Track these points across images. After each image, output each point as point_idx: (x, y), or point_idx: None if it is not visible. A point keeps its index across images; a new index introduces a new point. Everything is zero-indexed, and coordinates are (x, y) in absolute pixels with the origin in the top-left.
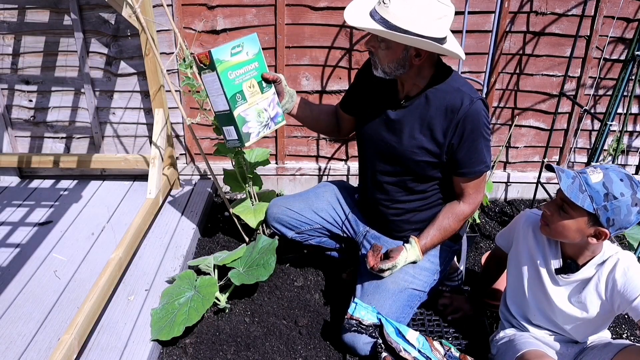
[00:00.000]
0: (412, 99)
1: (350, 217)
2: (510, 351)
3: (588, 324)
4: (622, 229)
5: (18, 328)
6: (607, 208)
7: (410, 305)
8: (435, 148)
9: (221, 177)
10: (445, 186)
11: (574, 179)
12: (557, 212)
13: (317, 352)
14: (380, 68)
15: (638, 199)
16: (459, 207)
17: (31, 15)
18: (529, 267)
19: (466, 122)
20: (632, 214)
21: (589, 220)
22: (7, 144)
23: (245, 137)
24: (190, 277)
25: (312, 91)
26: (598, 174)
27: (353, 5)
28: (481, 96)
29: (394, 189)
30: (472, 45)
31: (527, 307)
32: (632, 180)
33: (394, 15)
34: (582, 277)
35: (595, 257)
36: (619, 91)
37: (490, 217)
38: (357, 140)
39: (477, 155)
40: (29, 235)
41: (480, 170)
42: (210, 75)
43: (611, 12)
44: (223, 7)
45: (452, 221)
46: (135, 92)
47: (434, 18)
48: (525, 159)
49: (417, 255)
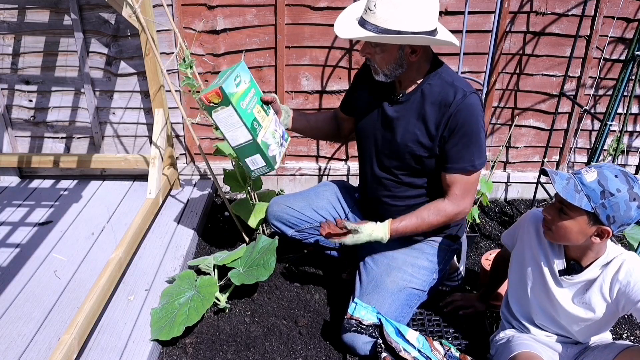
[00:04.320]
0: (408, 95)
1: (350, 215)
2: (505, 352)
3: (591, 325)
4: (624, 225)
5: (18, 328)
6: (605, 205)
7: (409, 305)
8: (429, 141)
9: (221, 177)
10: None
11: (568, 180)
12: (557, 215)
13: (317, 352)
14: (380, 72)
15: (636, 194)
16: (442, 204)
17: (31, 15)
18: (532, 267)
19: (458, 116)
20: (632, 209)
21: (589, 220)
22: (7, 144)
23: (272, 160)
24: (190, 277)
25: (312, 91)
26: (592, 173)
27: (342, 19)
28: (474, 90)
29: (393, 185)
30: (472, 45)
31: (530, 307)
32: (628, 175)
33: (382, 19)
34: (586, 279)
35: (599, 258)
36: (619, 91)
37: (490, 217)
38: (356, 138)
39: (464, 151)
40: (29, 235)
41: (464, 168)
42: (224, 111)
43: (611, 12)
44: (223, 7)
45: (432, 214)
46: (135, 92)
47: (420, 12)
48: (525, 159)
49: (385, 233)
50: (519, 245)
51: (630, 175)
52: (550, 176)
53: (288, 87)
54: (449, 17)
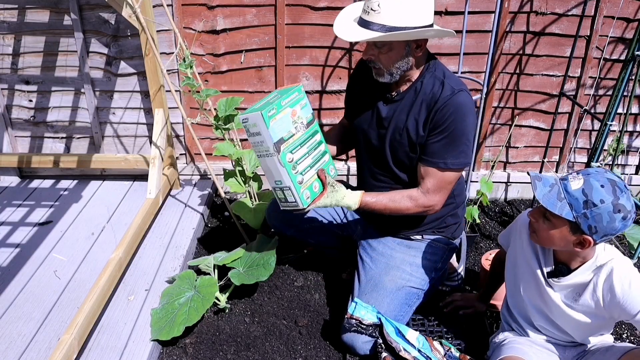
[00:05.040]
0: (403, 94)
1: (349, 215)
2: (495, 354)
3: (587, 327)
4: (608, 236)
5: (18, 328)
6: (587, 216)
7: (408, 304)
8: (417, 139)
9: (221, 177)
10: None
11: (552, 186)
12: (541, 219)
13: (317, 352)
14: (386, 72)
15: (622, 205)
16: (415, 192)
17: (31, 15)
18: (525, 268)
19: (443, 112)
20: (615, 221)
21: (571, 228)
22: (7, 144)
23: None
24: (190, 277)
25: (312, 91)
26: (579, 181)
27: (341, 23)
28: (465, 89)
29: (390, 183)
30: (472, 45)
31: (526, 308)
32: (616, 185)
33: (388, 17)
34: (575, 282)
35: (587, 263)
36: (619, 91)
37: (490, 217)
38: (353, 139)
39: (441, 148)
40: (29, 235)
41: (436, 164)
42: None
43: (611, 12)
44: (223, 7)
45: (403, 199)
46: (135, 92)
47: (422, 6)
48: (525, 159)
49: (355, 202)
50: (512, 245)
51: (619, 184)
52: (532, 182)
53: None
54: (449, 17)
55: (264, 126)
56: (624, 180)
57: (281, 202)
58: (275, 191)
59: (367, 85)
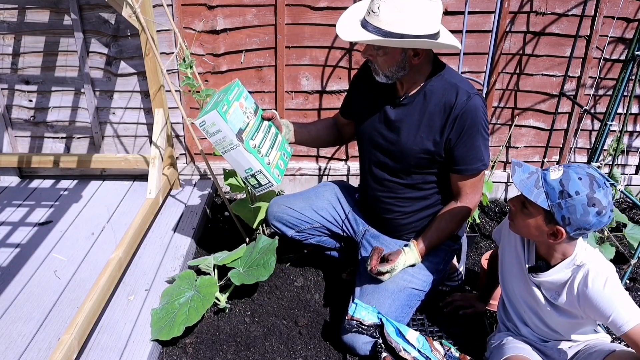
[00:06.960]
0: (411, 98)
1: (350, 216)
2: (498, 355)
3: (569, 325)
4: (581, 230)
5: (18, 328)
6: (561, 206)
7: (409, 305)
8: (434, 145)
9: (221, 177)
10: (444, 185)
11: (531, 174)
12: (519, 207)
13: (317, 352)
14: (381, 74)
15: (596, 199)
16: (457, 208)
17: (31, 15)
18: (513, 262)
19: (463, 118)
20: (589, 215)
21: (546, 218)
22: (7, 144)
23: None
24: (190, 277)
25: (312, 91)
26: (558, 172)
27: (344, 20)
28: (478, 92)
29: (394, 186)
30: (472, 45)
31: (517, 304)
32: (594, 180)
33: (386, 22)
34: (553, 279)
35: (566, 260)
36: (619, 91)
37: (490, 217)
38: (357, 140)
39: (474, 152)
40: (29, 235)
41: (478, 168)
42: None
43: (611, 12)
44: (223, 7)
45: (449, 222)
46: (135, 92)
47: (423, 16)
48: (525, 159)
49: (416, 258)
50: (503, 240)
51: (598, 179)
52: (512, 167)
53: (288, 87)
54: (449, 17)
55: (222, 122)
56: (622, 180)
57: (255, 188)
58: (247, 180)
59: (372, 87)
